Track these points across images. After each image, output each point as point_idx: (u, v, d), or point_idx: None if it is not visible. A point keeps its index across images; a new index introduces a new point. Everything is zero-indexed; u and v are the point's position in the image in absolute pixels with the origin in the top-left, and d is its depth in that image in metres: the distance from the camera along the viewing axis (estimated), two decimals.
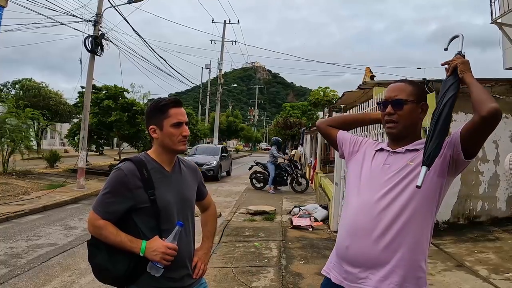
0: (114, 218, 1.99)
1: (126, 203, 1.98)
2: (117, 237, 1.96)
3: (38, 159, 18.19)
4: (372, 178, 1.95)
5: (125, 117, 17.35)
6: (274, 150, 15.40)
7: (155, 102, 2.15)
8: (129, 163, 2.03)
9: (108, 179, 2.03)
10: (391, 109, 1.94)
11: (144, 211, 2.00)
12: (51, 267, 5.78)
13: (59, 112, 32.87)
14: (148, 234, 1.99)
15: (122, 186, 1.98)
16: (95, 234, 2.00)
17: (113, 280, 2.02)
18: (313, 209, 9.44)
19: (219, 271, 5.49)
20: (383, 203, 1.84)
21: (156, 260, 1.93)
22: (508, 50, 9.63)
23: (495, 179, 7.57)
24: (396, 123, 1.95)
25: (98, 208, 2.00)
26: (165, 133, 2.06)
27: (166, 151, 2.11)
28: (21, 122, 15.01)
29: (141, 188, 1.99)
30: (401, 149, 1.95)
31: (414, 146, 1.94)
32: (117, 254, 1.96)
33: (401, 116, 1.93)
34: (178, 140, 2.08)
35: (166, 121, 2.05)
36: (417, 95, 1.97)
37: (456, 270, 5.36)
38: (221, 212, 10.34)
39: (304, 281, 5.13)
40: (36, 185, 12.85)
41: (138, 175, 2.00)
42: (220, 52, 38.57)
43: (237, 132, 50.82)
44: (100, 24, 13.57)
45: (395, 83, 2.03)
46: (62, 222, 8.65)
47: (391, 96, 1.96)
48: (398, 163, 1.91)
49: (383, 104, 1.99)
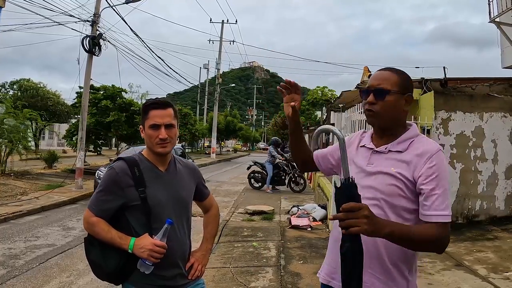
0: (107, 215, 2.07)
1: (118, 201, 2.05)
2: (107, 233, 2.02)
3: (36, 159, 18.17)
4: (357, 179, 1.76)
5: (123, 117, 17.34)
6: (272, 150, 15.40)
7: (145, 102, 2.24)
8: (121, 162, 2.10)
9: (102, 178, 2.12)
10: (373, 98, 1.81)
11: (135, 208, 2.05)
12: (49, 268, 5.76)
13: (57, 112, 32.84)
14: (139, 232, 2.04)
15: (114, 185, 2.05)
16: (89, 230, 2.08)
17: (107, 276, 2.07)
18: (312, 209, 9.43)
19: (217, 271, 5.49)
20: None
21: (144, 257, 1.97)
22: (507, 49, 9.64)
23: (493, 178, 7.57)
24: (377, 113, 1.82)
25: (92, 205, 2.08)
26: (146, 134, 2.12)
27: (151, 151, 2.16)
28: (19, 123, 14.97)
29: (132, 187, 2.05)
30: (384, 148, 1.84)
31: (397, 144, 1.82)
32: (109, 250, 2.02)
33: (382, 106, 1.80)
34: (156, 142, 2.08)
35: (146, 122, 2.11)
36: (402, 85, 1.82)
37: (455, 270, 5.36)
38: (220, 212, 10.33)
39: (303, 281, 5.13)
40: (34, 185, 12.82)
41: (130, 174, 2.06)
42: (218, 52, 38.69)
43: (236, 132, 50.76)
44: (98, 24, 13.55)
45: (379, 71, 1.89)
46: (60, 223, 8.63)
47: (374, 85, 1.83)
48: (381, 165, 1.81)
49: (366, 92, 1.86)
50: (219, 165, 31.26)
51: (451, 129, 7.41)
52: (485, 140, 7.53)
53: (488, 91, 7.74)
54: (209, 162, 31.32)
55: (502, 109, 7.59)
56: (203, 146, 54.31)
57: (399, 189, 1.72)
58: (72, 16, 13.48)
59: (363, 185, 1.74)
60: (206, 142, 56.43)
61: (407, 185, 1.72)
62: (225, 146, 63.62)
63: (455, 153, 7.40)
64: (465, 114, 7.45)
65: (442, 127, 7.37)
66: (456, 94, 7.56)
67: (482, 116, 7.52)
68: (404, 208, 1.73)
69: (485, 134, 7.52)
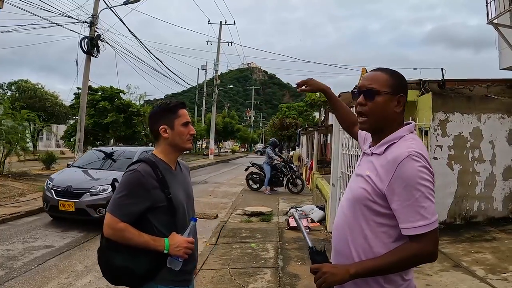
0: (132, 219, 2.05)
1: (143, 203, 2.06)
2: (140, 237, 2.03)
3: (34, 160, 18.14)
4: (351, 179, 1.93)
5: (121, 118, 17.34)
6: (269, 151, 15.41)
7: (163, 104, 2.27)
8: (144, 165, 2.11)
9: (124, 182, 2.08)
10: (362, 99, 1.77)
11: (161, 210, 2.09)
12: (48, 270, 5.75)
13: (55, 113, 32.83)
14: (164, 232, 2.09)
15: (140, 187, 2.05)
16: (116, 237, 2.05)
17: (138, 280, 2.08)
18: (310, 210, 9.43)
19: (216, 272, 5.49)
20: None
21: (179, 255, 2.05)
22: (504, 51, 9.66)
23: (491, 179, 7.58)
24: (366, 115, 1.78)
25: (116, 210, 2.05)
26: (176, 132, 2.19)
27: (175, 149, 2.24)
28: (17, 124, 14.94)
29: (157, 189, 2.08)
30: (369, 150, 1.84)
31: (378, 147, 1.78)
32: (138, 254, 2.04)
33: (371, 108, 1.76)
34: (187, 139, 2.23)
35: (177, 121, 2.19)
36: (393, 86, 1.75)
37: (453, 271, 5.37)
38: (218, 213, 10.35)
39: (301, 282, 5.13)
40: (32, 186, 12.79)
41: (154, 176, 2.08)
42: (216, 53, 38.70)
43: (234, 133, 50.74)
44: (96, 25, 13.57)
45: (371, 71, 1.85)
46: (58, 224, 8.60)
47: (365, 85, 1.78)
48: (362, 167, 1.82)
49: (357, 93, 1.83)
50: (217, 166, 31.25)
51: (449, 131, 7.42)
52: (483, 141, 7.54)
53: (486, 93, 7.75)
54: (207, 163, 31.31)
55: (499, 110, 7.61)
56: (201, 147, 54.30)
57: (367, 192, 1.70)
58: (71, 17, 13.54)
59: (349, 184, 1.89)
60: (204, 143, 56.43)
61: (375, 190, 1.68)
62: (223, 147, 63.58)
63: (453, 154, 7.41)
64: (463, 116, 7.46)
65: (440, 128, 7.38)
66: (454, 96, 7.57)
67: (480, 117, 7.53)
68: (376, 212, 1.69)
69: (483, 135, 7.53)
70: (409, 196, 1.58)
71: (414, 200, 1.57)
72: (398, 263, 1.62)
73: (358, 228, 1.74)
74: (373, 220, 1.70)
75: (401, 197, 1.59)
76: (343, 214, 1.85)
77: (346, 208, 1.83)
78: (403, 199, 1.59)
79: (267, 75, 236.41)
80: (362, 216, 1.73)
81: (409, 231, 1.59)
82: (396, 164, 1.61)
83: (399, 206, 1.60)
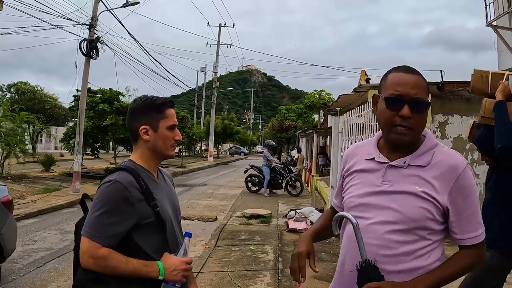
0: (115, 242, 1.66)
1: (129, 221, 1.68)
2: (128, 265, 1.65)
3: (33, 163, 18.10)
4: (369, 199, 1.58)
5: (120, 121, 17.28)
6: (267, 153, 15.40)
7: (148, 99, 1.86)
8: (124, 173, 1.73)
9: (102, 196, 1.68)
10: (409, 112, 1.45)
11: (148, 226, 1.72)
12: (47, 272, 5.74)
13: (54, 115, 32.75)
14: (152, 253, 1.73)
15: (124, 202, 1.66)
16: (98, 267, 1.64)
17: None
18: (309, 212, 9.41)
19: (215, 275, 5.48)
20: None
21: (177, 280, 1.72)
22: (503, 53, 9.69)
23: None
24: (411, 130, 1.48)
25: (96, 234, 1.63)
26: (159, 135, 1.81)
27: (156, 156, 1.86)
28: (16, 126, 14.90)
29: (143, 201, 1.71)
30: (402, 162, 1.54)
31: (417, 157, 1.54)
32: (129, 285, 1.67)
33: (419, 122, 1.48)
34: (171, 145, 1.85)
35: (163, 122, 1.81)
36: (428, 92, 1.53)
37: None
38: (217, 216, 10.34)
39: (301, 284, 5.11)
40: (31, 189, 12.77)
41: (137, 186, 1.71)
42: (216, 56, 38.70)
43: (233, 135, 50.65)
44: (96, 27, 13.57)
45: (408, 74, 1.51)
46: (57, 227, 8.60)
47: (411, 94, 1.46)
48: (401, 182, 1.53)
49: (394, 101, 1.48)
50: (216, 168, 31.24)
51: (448, 133, 7.43)
52: None
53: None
54: (207, 165, 31.30)
55: None
56: (201, 150, 54.27)
57: (428, 211, 1.49)
58: (70, 19, 13.52)
59: (380, 205, 1.54)
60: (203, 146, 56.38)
61: (436, 206, 1.49)
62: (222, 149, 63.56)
63: None
64: (462, 118, 7.47)
65: (439, 130, 7.39)
66: (453, 98, 7.58)
67: (479, 119, 7.53)
68: (431, 232, 1.52)
69: None
70: (470, 206, 1.51)
71: (474, 209, 1.52)
72: (458, 273, 1.55)
73: (405, 254, 1.52)
74: (424, 237, 1.53)
75: (462, 207, 1.50)
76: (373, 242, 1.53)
77: (383, 234, 1.52)
78: (464, 209, 1.51)
79: (266, 77, 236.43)
80: (415, 234, 1.51)
81: (471, 240, 1.52)
82: (456, 173, 1.49)
83: (460, 217, 1.51)
